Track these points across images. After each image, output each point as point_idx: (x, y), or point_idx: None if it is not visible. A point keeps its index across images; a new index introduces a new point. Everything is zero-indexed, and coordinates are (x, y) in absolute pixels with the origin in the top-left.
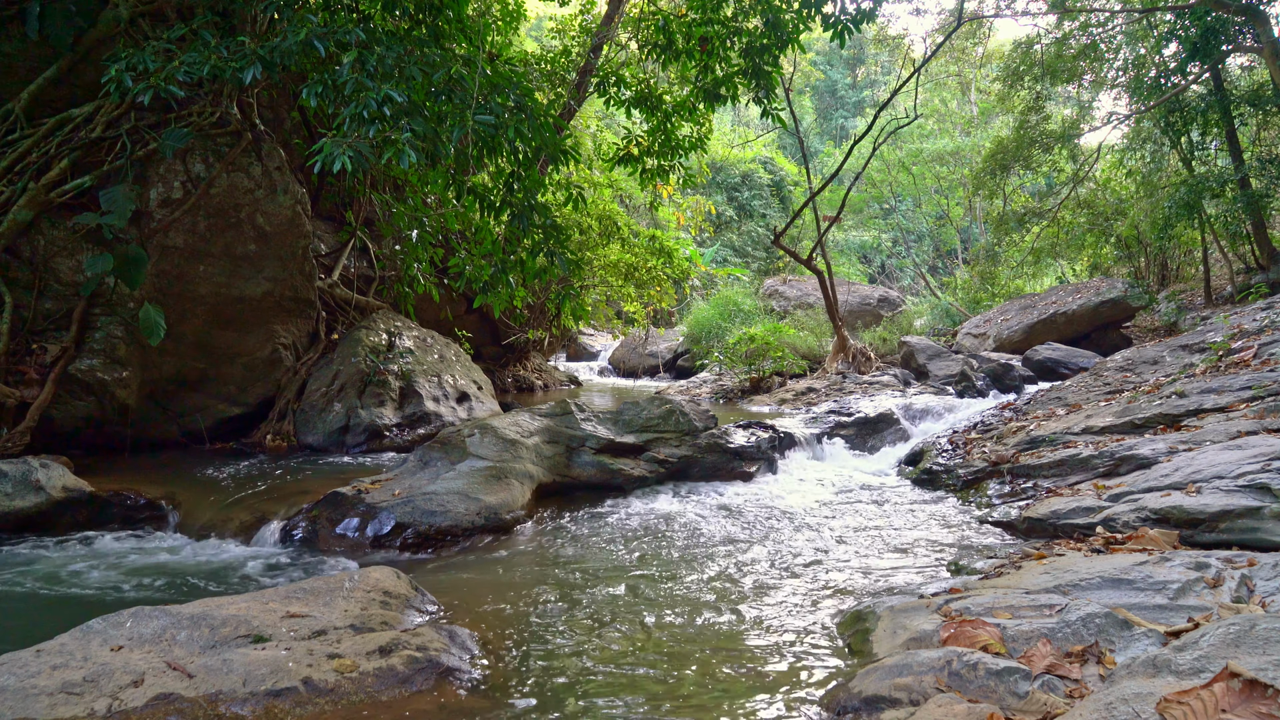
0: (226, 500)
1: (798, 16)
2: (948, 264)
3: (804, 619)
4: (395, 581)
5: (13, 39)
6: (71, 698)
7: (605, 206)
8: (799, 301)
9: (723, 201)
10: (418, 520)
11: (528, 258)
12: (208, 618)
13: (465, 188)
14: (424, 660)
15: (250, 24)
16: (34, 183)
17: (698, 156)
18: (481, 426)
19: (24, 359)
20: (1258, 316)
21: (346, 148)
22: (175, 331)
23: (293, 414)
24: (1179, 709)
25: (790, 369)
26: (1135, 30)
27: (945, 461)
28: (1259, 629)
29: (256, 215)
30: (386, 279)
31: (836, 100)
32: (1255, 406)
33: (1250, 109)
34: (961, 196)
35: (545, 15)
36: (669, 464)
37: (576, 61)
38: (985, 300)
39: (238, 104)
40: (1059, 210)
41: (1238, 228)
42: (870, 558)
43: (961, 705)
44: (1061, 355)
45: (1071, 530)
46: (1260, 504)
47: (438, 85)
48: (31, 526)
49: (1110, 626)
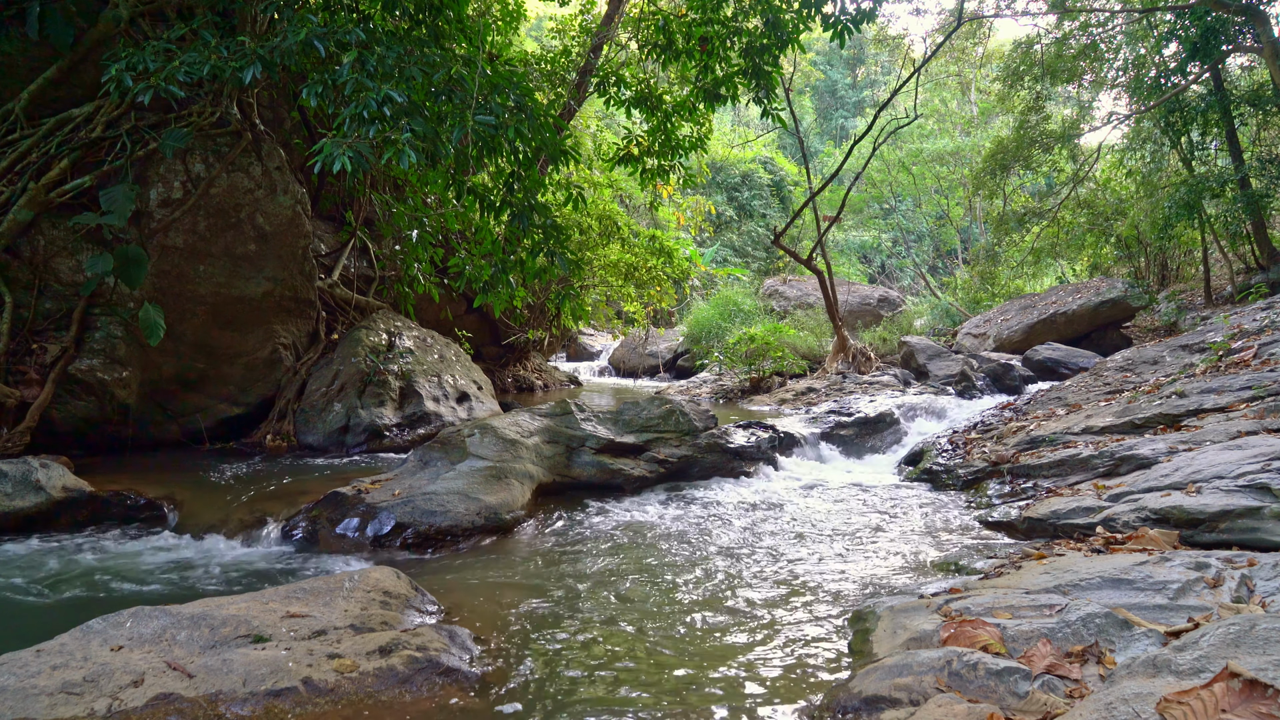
0: (226, 500)
1: (798, 16)
2: (948, 264)
3: (804, 619)
4: (395, 581)
5: (13, 39)
6: (71, 698)
7: (605, 206)
8: (799, 301)
9: (723, 201)
10: (418, 520)
11: (528, 258)
12: (208, 618)
13: (465, 188)
14: (424, 660)
15: (250, 24)
16: (34, 183)
17: (698, 156)
18: (481, 426)
19: (24, 359)
20: (1258, 316)
21: (346, 148)
22: (175, 331)
23: (293, 414)
24: (1179, 709)
25: (790, 369)
26: (1135, 30)
27: (945, 461)
28: (1259, 629)
29: (256, 215)
30: (386, 279)
31: (836, 100)
32: (1255, 406)
33: (1250, 109)
34: (961, 196)
35: (545, 15)
36: (669, 464)
37: (576, 61)
38: (985, 300)
39: (238, 104)
40: (1059, 210)
41: (1238, 228)
42: (870, 557)
43: (961, 705)
44: (1061, 355)
45: (1071, 530)
46: (1260, 504)
47: (438, 85)
48: (31, 526)
49: (1110, 626)
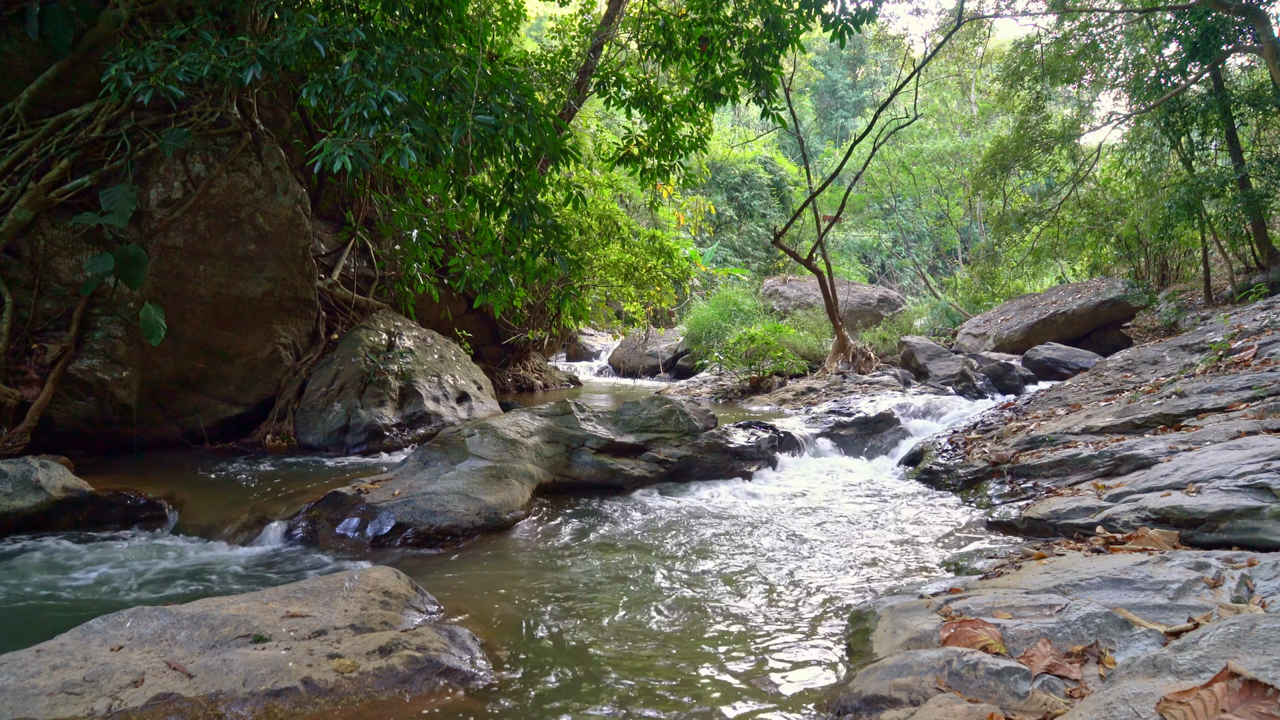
0: (227, 500)
1: (798, 16)
2: (948, 264)
3: (804, 619)
4: (395, 581)
5: (13, 39)
6: (71, 698)
7: (605, 206)
8: (799, 301)
9: (723, 201)
10: (418, 520)
11: (528, 258)
12: (208, 618)
13: (465, 188)
14: (424, 660)
15: (250, 24)
16: (34, 183)
17: (698, 156)
18: (481, 426)
19: (24, 359)
20: (1258, 316)
21: (346, 148)
22: (175, 331)
23: (293, 414)
24: (1179, 709)
25: (790, 369)
26: (1135, 30)
27: (945, 461)
28: (1259, 629)
29: (256, 215)
30: (386, 279)
31: (836, 100)
32: (1255, 406)
33: (1250, 109)
34: (961, 196)
35: (545, 15)
36: (669, 464)
37: (576, 61)
38: (985, 300)
39: (238, 104)
40: (1059, 210)
41: (1238, 228)
42: (870, 557)
43: (961, 705)
44: (1061, 355)
45: (1071, 530)
46: (1260, 504)
47: (438, 85)
48: (31, 526)
49: (1110, 626)
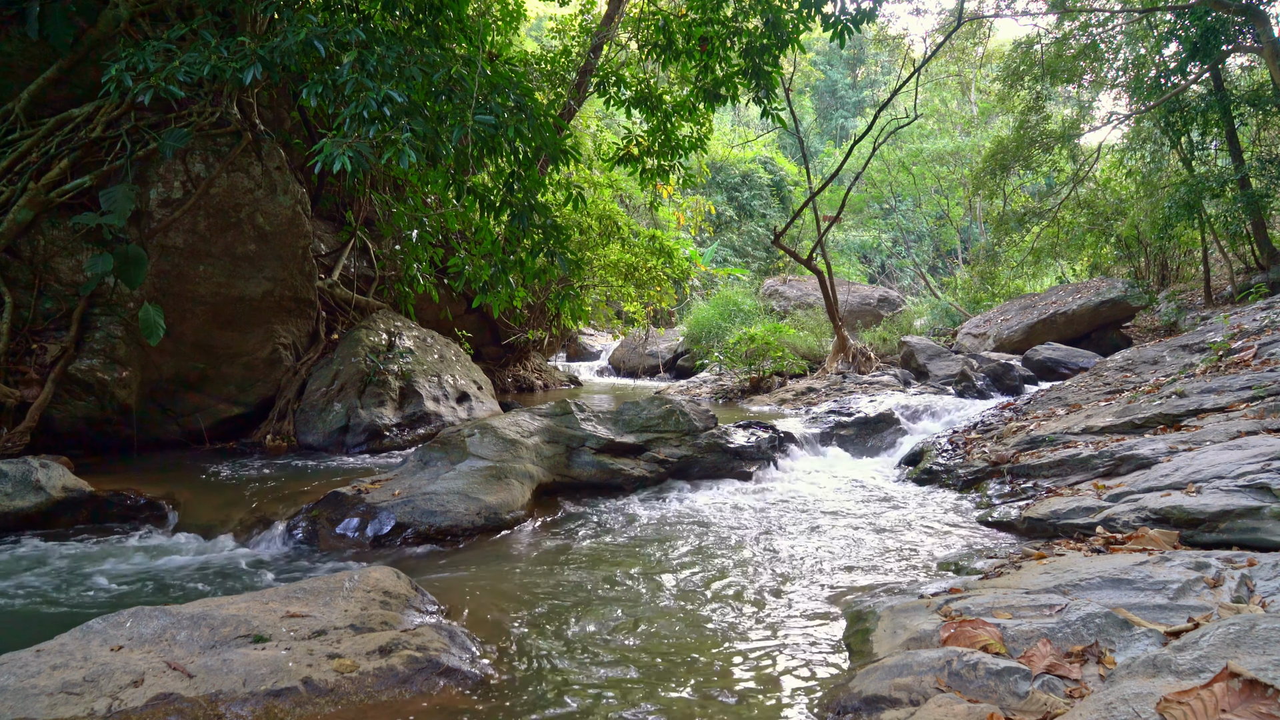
0: (226, 500)
1: (798, 16)
2: (948, 264)
3: (804, 619)
4: (395, 581)
5: (13, 39)
6: (71, 698)
7: (605, 206)
8: (799, 301)
9: (723, 201)
10: (418, 520)
11: (528, 258)
12: (208, 618)
13: (465, 188)
14: (424, 660)
15: (250, 24)
16: (34, 183)
17: (698, 156)
18: (481, 426)
19: (24, 359)
20: (1258, 316)
21: (346, 148)
22: (175, 331)
23: (293, 414)
24: (1179, 709)
25: (790, 369)
26: (1135, 30)
27: (945, 461)
28: (1259, 629)
29: (256, 215)
30: (386, 279)
31: (836, 100)
32: (1255, 406)
33: (1250, 109)
34: (961, 196)
35: (545, 15)
36: (669, 464)
37: (576, 61)
38: (985, 300)
39: (238, 104)
40: (1059, 210)
41: (1238, 228)
42: (870, 558)
43: (961, 705)
44: (1061, 355)
45: (1071, 530)
46: (1260, 504)
47: (438, 85)
48: (31, 526)
49: (1110, 626)
